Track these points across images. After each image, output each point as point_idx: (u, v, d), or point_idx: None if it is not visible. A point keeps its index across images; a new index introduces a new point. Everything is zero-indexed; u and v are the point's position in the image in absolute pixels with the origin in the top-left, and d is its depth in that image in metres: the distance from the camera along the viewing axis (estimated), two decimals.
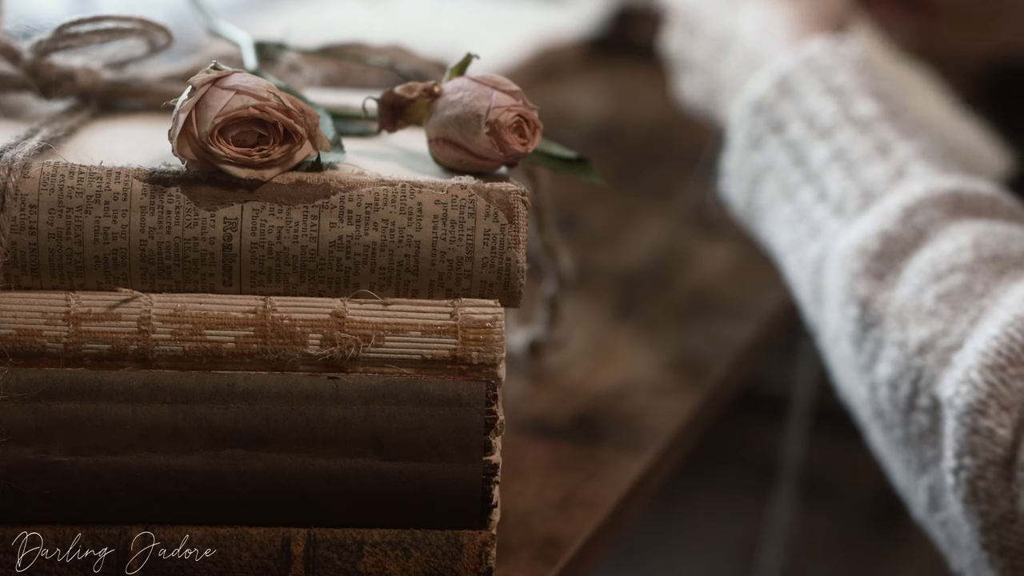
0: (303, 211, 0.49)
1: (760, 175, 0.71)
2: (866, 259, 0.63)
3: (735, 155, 0.73)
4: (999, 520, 0.56)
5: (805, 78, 0.70)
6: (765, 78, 0.72)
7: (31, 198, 0.48)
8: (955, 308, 0.59)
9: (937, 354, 0.59)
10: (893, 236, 0.63)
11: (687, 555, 1.55)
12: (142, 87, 0.56)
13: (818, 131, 0.68)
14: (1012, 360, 0.56)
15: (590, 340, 0.77)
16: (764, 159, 0.70)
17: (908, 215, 0.63)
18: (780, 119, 0.70)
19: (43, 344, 0.48)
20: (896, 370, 0.60)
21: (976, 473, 0.56)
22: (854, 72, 0.70)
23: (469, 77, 0.53)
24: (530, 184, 0.66)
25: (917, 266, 0.61)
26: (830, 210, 0.66)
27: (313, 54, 0.61)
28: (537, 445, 0.65)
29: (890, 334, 0.61)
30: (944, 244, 0.62)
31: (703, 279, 0.88)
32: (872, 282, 0.62)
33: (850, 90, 0.69)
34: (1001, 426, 0.56)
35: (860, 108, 0.68)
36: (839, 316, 0.64)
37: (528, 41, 1.19)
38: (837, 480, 1.54)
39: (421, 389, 0.49)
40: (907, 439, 0.60)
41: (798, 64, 0.71)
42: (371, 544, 0.50)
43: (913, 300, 0.61)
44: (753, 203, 0.72)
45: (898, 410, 0.60)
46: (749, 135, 0.71)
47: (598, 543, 0.60)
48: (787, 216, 0.69)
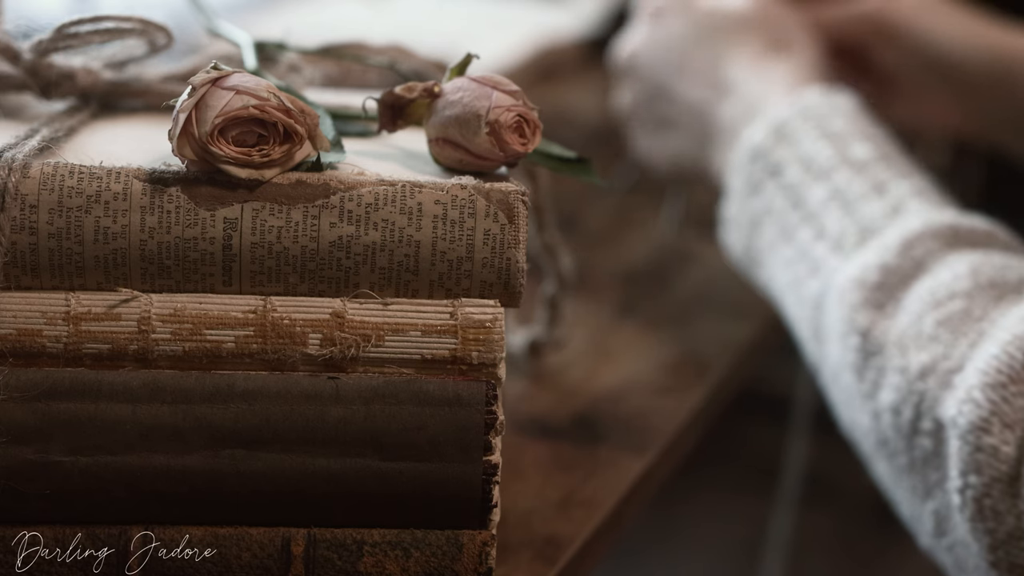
0: (303, 211, 0.49)
1: (758, 219, 0.71)
2: (866, 290, 0.63)
3: (733, 202, 0.73)
4: (1006, 537, 0.57)
5: (801, 125, 0.71)
6: (762, 126, 0.72)
7: (31, 198, 0.48)
8: (955, 332, 0.60)
9: (939, 377, 0.59)
10: (892, 268, 0.63)
11: (687, 555, 1.55)
12: (142, 87, 0.56)
13: (815, 173, 0.69)
14: (1013, 378, 0.57)
15: (590, 340, 0.77)
16: (762, 203, 0.71)
17: (906, 248, 0.64)
18: (777, 163, 0.71)
19: (43, 344, 0.48)
20: (898, 395, 0.60)
21: (982, 491, 0.57)
22: (849, 118, 0.71)
23: (469, 77, 0.53)
24: (530, 184, 0.66)
25: (916, 295, 0.62)
26: (829, 247, 0.67)
27: (313, 54, 0.61)
28: (537, 445, 0.65)
29: (891, 361, 0.61)
30: (942, 273, 0.62)
31: (703, 279, 0.88)
32: (872, 312, 0.63)
33: (846, 135, 0.70)
34: (1005, 443, 0.56)
35: (856, 151, 0.69)
36: (840, 348, 0.64)
37: (528, 41, 1.19)
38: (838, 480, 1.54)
39: (421, 389, 0.49)
40: (911, 465, 0.60)
41: (794, 112, 0.72)
42: (371, 544, 0.50)
43: (913, 327, 0.61)
44: (752, 247, 0.73)
45: (901, 436, 0.60)
46: (747, 182, 0.72)
47: (598, 543, 0.60)
48: (786, 257, 0.69)
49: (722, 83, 0.77)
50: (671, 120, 0.81)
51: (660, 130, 0.82)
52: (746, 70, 0.77)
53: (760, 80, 0.76)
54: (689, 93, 0.79)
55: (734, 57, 0.78)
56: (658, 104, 0.81)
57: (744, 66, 0.77)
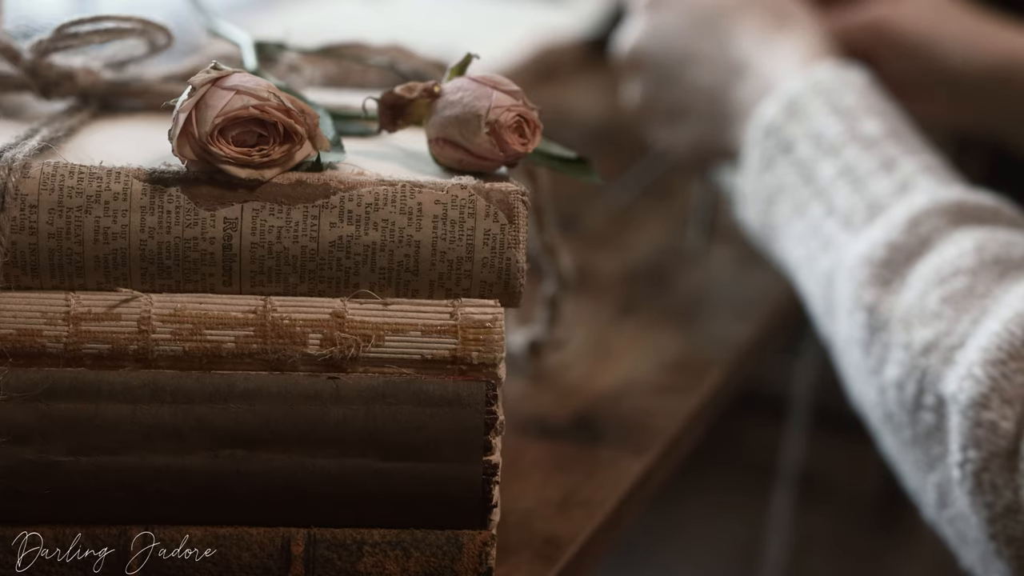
0: (303, 211, 0.49)
1: (773, 195, 0.72)
2: (872, 267, 0.64)
3: (749, 179, 0.74)
4: (1004, 511, 0.58)
5: (812, 100, 0.72)
6: (774, 102, 0.73)
7: (31, 198, 0.48)
8: (958, 309, 0.61)
9: (941, 353, 0.60)
10: (898, 245, 0.64)
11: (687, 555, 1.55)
12: (142, 87, 0.56)
13: (825, 149, 0.70)
14: (1013, 354, 0.58)
15: (590, 340, 0.77)
16: (775, 179, 0.72)
17: (913, 225, 0.64)
18: (789, 140, 0.71)
19: (43, 344, 0.48)
20: (902, 371, 0.62)
21: (980, 466, 0.58)
22: (860, 94, 0.72)
23: (469, 77, 0.53)
24: (530, 184, 0.66)
25: (921, 272, 0.63)
26: (839, 224, 0.68)
27: (313, 54, 0.61)
28: (537, 445, 0.65)
29: (896, 337, 0.62)
30: (948, 250, 0.63)
31: (703, 279, 0.88)
32: (878, 289, 0.63)
33: (856, 110, 0.71)
34: (1004, 419, 0.57)
35: (865, 127, 0.70)
36: (848, 323, 0.65)
37: (528, 41, 1.19)
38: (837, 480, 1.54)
39: (421, 389, 0.49)
40: (915, 439, 0.61)
41: (806, 87, 0.72)
42: (371, 544, 0.50)
43: (918, 304, 0.62)
44: (767, 224, 0.73)
45: (905, 410, 0.61)
46: (761, 158, 0.73)
47: (598, 543, 0.60)
48: (799, 232, 0.70)
49: (733, 64, 0.77)
50: (684, 107, 0.81)
51: (674, 119, 0.82)
52: (754, 47, 0.77)
53: (771, 56, 0.76)
54: (700, 79, 0.79)
55: (740, 36, 0.78)
56: (669, 93, 0.81)
57: (752, 44, 0.77)
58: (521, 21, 1.25)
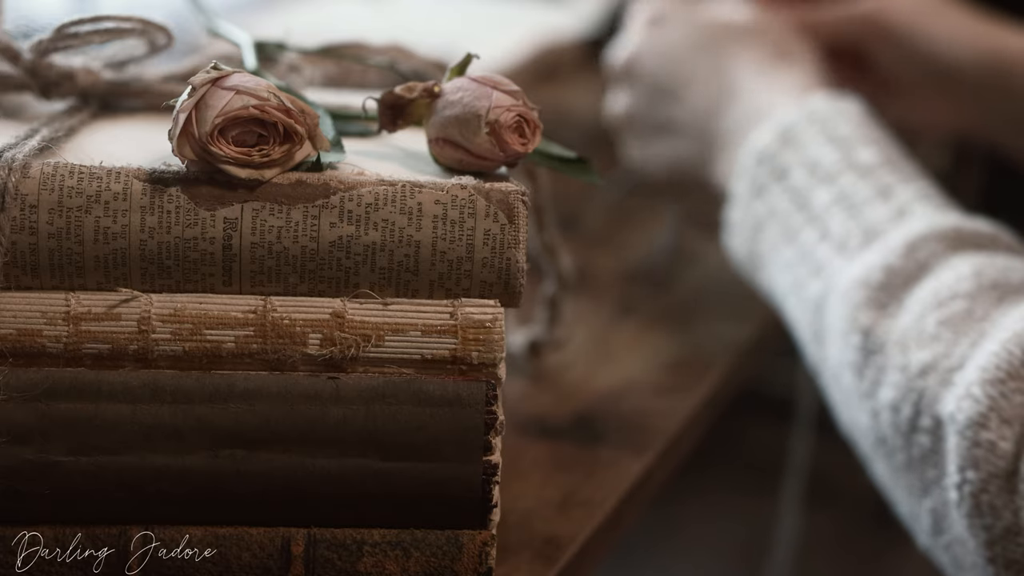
0: (303, 211, 0.49)
1: (761, 223, 0.72)
2: (869, 290, 0.64)
3: (737, 206, 0.73)
4: (1003, 533, 0.57)
5: (807, 129, 0.71)
6: (768, 130, 0.73)
7: (31, 198, 0.48)
8: (956, 332, 0.60)
9: (939, 375, 0.60)
10: (896, 269, 0.64)
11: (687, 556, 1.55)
12: (142, 87, 0.56)
13: (820, 177, 0.70)
14: (1012, 374, 0.57)
15: (590, 340, 0.77)
16: (766, 206, 0.71)
17: (911, 250, 0.64)
18: (783, 167, 0.71)
19: (43, 344, 0.48)
20: (898, 393, 0.61)
21: (979, 487, 0.57)
22: (855, 124, 0.72)
23: (469, 77, 0.53)
24: (530, 184, 0.66)
25: (919, 296, 0.62)
26: (833, 248, 0.67)
27: (313, 54, 0.61)
28: (537, 445, 0.65)
29: (892, 359, 0.62)
30: (945, 274, 0.63)
31: (703, 279, 0.88)
32: (874, 312, 0.63)
33: (851, 139, 0.71)
34: (1003, 439, 0.56)
35: (861, 155, 0.70)
36: (841, 346, 0.64)
37: (528, 41, 1.18)
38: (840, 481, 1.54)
39: (421, 389, 0.49)
40: (909, 463, 0.61)
41: (801, 117, 0.72)
42: (371, 544, 0.50)
43: (915, 326, 0.61)
44: (754, 252, 0.73)
45: (900, 433, 0.61)
46: (751, 185, 0.72)
47: (598, 543, 0.60)
48: (787, 259, 0.70)
49: (727, 90, 0.77)
50: (672, 125, 0.81)
51: (659, 135, 0.82)
52: (751, 78, 0.77)
53: (766, 88, 0.76)
54: (693, 99, 0.79)
55: (739, 63, 0.78)
56: (658, 110, 0.81)
57: (749, 72, 0.77)
58: (521, 21, 1.25)
